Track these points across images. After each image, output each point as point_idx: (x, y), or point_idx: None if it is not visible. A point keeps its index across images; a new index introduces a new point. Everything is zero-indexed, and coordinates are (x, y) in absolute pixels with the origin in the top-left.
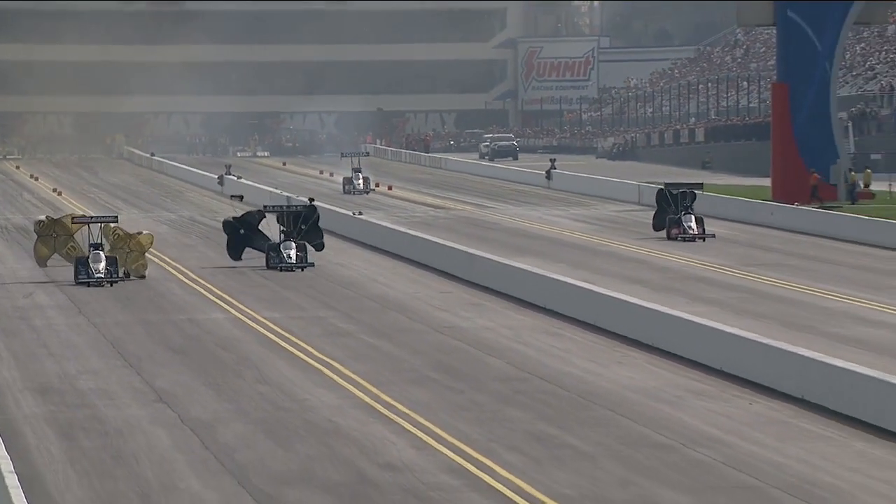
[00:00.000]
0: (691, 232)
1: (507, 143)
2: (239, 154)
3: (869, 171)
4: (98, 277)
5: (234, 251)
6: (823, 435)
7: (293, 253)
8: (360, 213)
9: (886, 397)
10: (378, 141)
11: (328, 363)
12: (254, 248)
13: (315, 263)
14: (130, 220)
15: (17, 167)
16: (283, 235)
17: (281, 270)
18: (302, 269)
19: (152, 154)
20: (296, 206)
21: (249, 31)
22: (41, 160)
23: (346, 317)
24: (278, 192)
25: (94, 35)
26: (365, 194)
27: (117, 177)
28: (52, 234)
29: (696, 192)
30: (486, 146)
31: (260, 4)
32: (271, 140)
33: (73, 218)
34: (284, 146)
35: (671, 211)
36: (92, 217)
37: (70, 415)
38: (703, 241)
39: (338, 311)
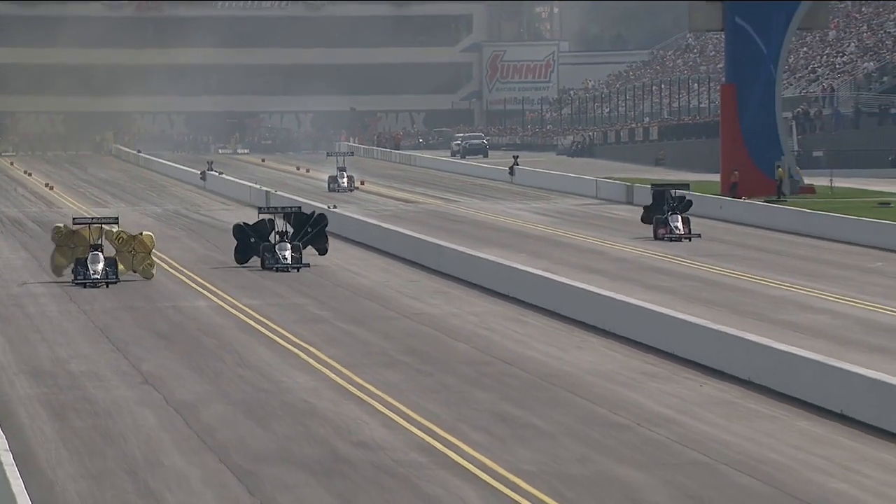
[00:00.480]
0: (677, 232)
1: (477, 141)
2: (220, 151)
3: (780, 167)
4: (95, 278)
5: (241, 256)
6: (768, 414)
7: (288, 254)
8: (335, 207)
9: (826, 379)
10: (351, 139)
11: (304, 347)
12: (259, 256)
13: (310, 264)
14: (120, 215)
15: (12, 163)
16: (277, 237)
17: (276, 271)
18: (297, 270)
19: (139, 151)
20: (297, 209)
21: (230, 35)
22: (34, 157)
23: (321, 304)
24: (257, 187)
25: (85, 39)
26: (349, 192)
27: (106, 173)
28: (71, 246)
29: (688, 197)
30: (458, 144)
31: (240, 11)
32: (251, 138)
33: (73, 219)
34: (263, 144)
35: (660, 210)
36: (93, 218)
37: (62, 396)
38: (689, 240)
39: (313, 299)
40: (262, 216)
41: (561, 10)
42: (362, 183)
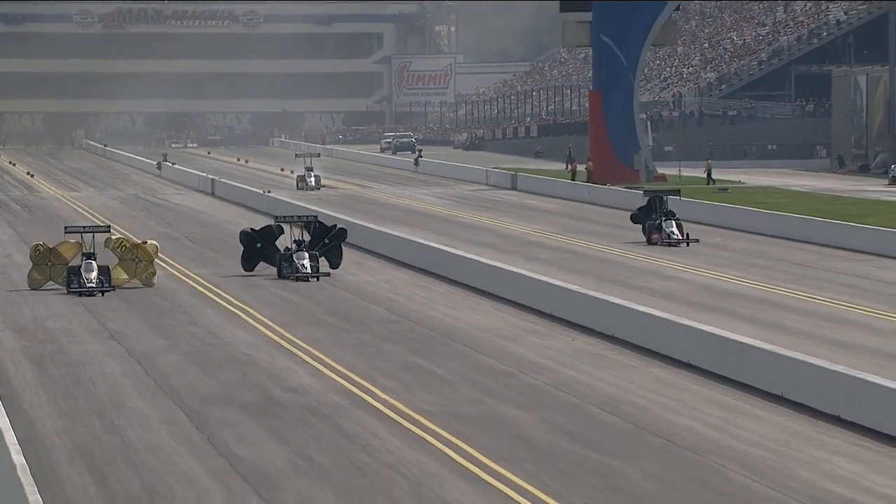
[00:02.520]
0: (674, 237)
1: (406, 140)
2: (174, 145)
3: (590, 162)
4: (90, 287)
5: (248, 262)
6: (628, 364)
7: (307, 262)
8: (269, 192)
9: (675, 334)
10: (283, 136)
11: (244, 309)
12: (269, 262)
13: (330, 273)
14: (88, 197)
15: None
16: (294, 245)
17: (296, 280)
18: (317, 279)
19: (105, 145)
20: (314, 217)
21: (182, 49)
22: (18, 150)
23: (257, 271)
24: (204, 175)
25: (60, 52)
26: (316, 190)
27: (78, 163)
28: (48, 264)
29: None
30: (388, 142)
31: (190, 29)
32: (199, 134)
33: (65, 227)
34: (210, 139)
35: (652, 216)
36: (84, 227)
37: (41, 349)
38: (687, 245)
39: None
40: (278, 223)
41: (457, 28)
42: (290, 172)
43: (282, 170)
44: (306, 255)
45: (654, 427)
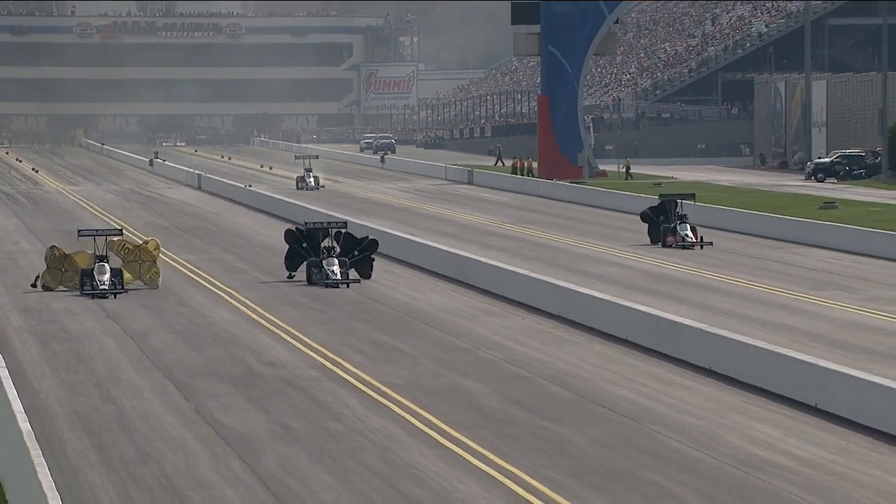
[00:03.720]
0: (689, 240)
1: (387, 140)
2: (164, 144)
3: (530, 160)
4: (103, 289)
5: (292, 263)
6: (573, 341)
7: (336, 269)
8: (250, 186)
9: (615, 314)
10: (262, 136)
11: (228, 292)
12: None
13: (360, 281)
14: (87, 191)
15: (7, 153)
16: (324, 252)
17: (326, 287)
18: (347, 286)
19: (103, 144)
20: (343, 225)
21: (172, 57)
22: (24, 148)
23: (241, 259)
24: (191, 171)
25: (62, 60)
26: (315, 190)
27: (78, 160)
28: (62, 269)
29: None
30: (368, 142)
31: (179, 39)
32: (187, 134)
33: (78, 231)
34: (197, 139)
35: (664, 221)
36: (97, 230)
37: (45, 327)
38: (701, 248)
39: (234, 255)
40: (310, 228)
41: (419, 40)
42: (271, 168)
43: (261, 166)
44: (336, 261)
45: (596, 397)
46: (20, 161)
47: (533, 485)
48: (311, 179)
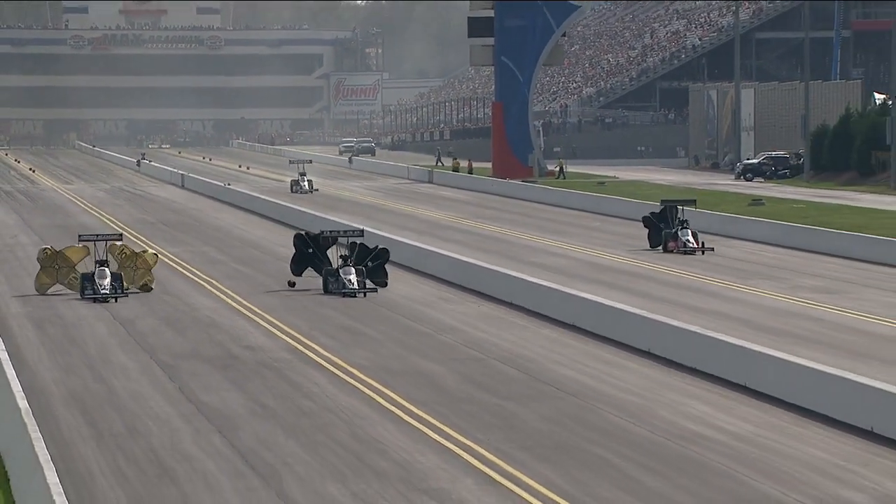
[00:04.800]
0: (690, 246)
1: (367, 144)
2: (150, 146)
3: (464, 160)
4: (104, 293)
5: (298, 266)
6: (523, 325)
7: (353, 278)
8: (229, 185)
9: (561, 300)
10: (240, 138)
11: (209, 281)
12: (316, 271)
13: (377, 290)
14: (79, 189)
15: (6, 154)
16: (341, 261)
17: (344, 296)
18: (364, 295)
19: (94, 146)
20: (360, 233)
21: (157, 67)
22: (22, 150)
23: (219, 251)
24: (175, 171)
25: (57, 69)
26: (309, 194)
27: (72, 161)
28: (55, 266)
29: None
30: (348, 146)
31: (164, 50)
32: (171, 137)
33: (79, 236)
34: (180, 141)
35: (665, 226)
36: (97, 235)
37: (40, 313)
38: (703, 253)
39: (214, 248)
40: (323, 236)
41: (384, 51)
42: (248, 168)
43: (239, 167)
44: (353, 269)
45: (545, 377)
46: (18, 161)
47: (487, 457)
48: (305, 183)
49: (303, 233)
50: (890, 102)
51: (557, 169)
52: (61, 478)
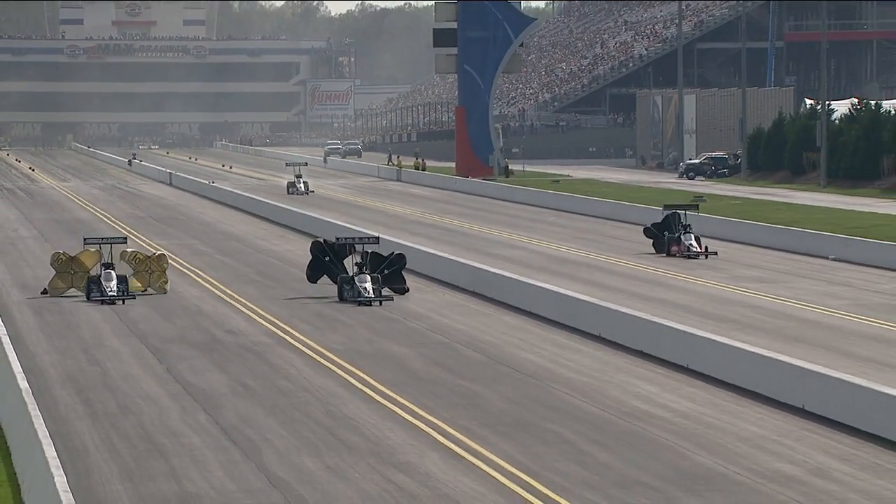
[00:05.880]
0: (694, 250)
1: (354, 146)
2: (141, 147)
3: (423, 159)
4: (111, 295)
5: (314, 273)
6: (485, 312)
7: (369, 286)
8: (213, 182)
9: (521, 290)
10: (224, 140)
11: (194, 271)
12: (331, 278)
13: (393, 298)
14: (75, 186)
15: (7, 154)
16: (356, 268)
17: (360, 305)
18: (380, 304)
19: (89, 147)
20: (375, 240)
21: (147, 73)
22: (22, 150)
23: (204, 243)
24: (164, 169)
25: (54, 76)
26: (305, 195)
27: (68, 161)
28: (71, 272)
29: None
30: (334, 147)
31: (153, 59)
32: (160, 139)
33: (84, 239)
34: (168, 142)
35: (669, 231)
36: (103, 239)
37: (40, 301)
38: (706, 257)
39: (199, 240)
40: (339, 242)
41: (356, 59)
42: (230, 167)
43: (222, 166)
44: (368, 277)
45: (505, 360)
46: (19, 161)
47: (452, 433)
48: (301, 185)
49: (321, 240)
50: (819, 107)
51: (503, 166)
52: (59, 452)
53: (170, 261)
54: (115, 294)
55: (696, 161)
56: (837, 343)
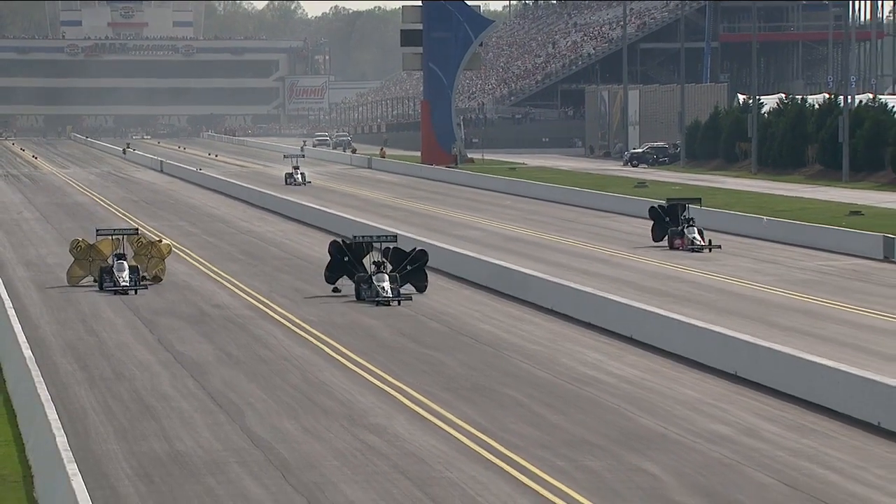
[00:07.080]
0: (697, 243)
1: (345, 138)
2: (134, 137)
3: (383, 149)
4: (124, 286)
5: (332, 274)
6: (446, 287)
7: (387, 285)
8: (201, 169)
9: (478, 266)
10: (209, 131)
11: (184, 251)
12: (350, 278)
13: (412, 297)
14: (74, 173)
15: (13, 144)
16: (374, 267)
17: (378, 305)
18: (399, 304)
19: (87, 137)
20: (393, 238)
21: (140, 70)
22: (26, 140)
23: (192, 224)
24: (155, 157)
25: (55, 72)
26: (303, 186)
27: (69, 150)
28: (89, 259)
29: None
30: (321, 139)
31: (145, 56)
32: (152, 130)
33: (97, 230)
34: (159, 133)
35: (671, 223)
36: (115, 230)
37: (42, 277)
38: (710, 251)
39: (187, 221)
40: (357, 241)
41: (330, 57)
42: (215, 156)
43: (209, 154)
44: (386, 277)
45: (465, 330)
46: (23, 150)
47: (417, 397)
48: (299, 176)
49: (339, 240)
50: (751, 102)
51: (457, 152)
52: (59, 414)
53: (153, 236)
54: (128, 284)
55: (640, 150)
56: (765, 314)
